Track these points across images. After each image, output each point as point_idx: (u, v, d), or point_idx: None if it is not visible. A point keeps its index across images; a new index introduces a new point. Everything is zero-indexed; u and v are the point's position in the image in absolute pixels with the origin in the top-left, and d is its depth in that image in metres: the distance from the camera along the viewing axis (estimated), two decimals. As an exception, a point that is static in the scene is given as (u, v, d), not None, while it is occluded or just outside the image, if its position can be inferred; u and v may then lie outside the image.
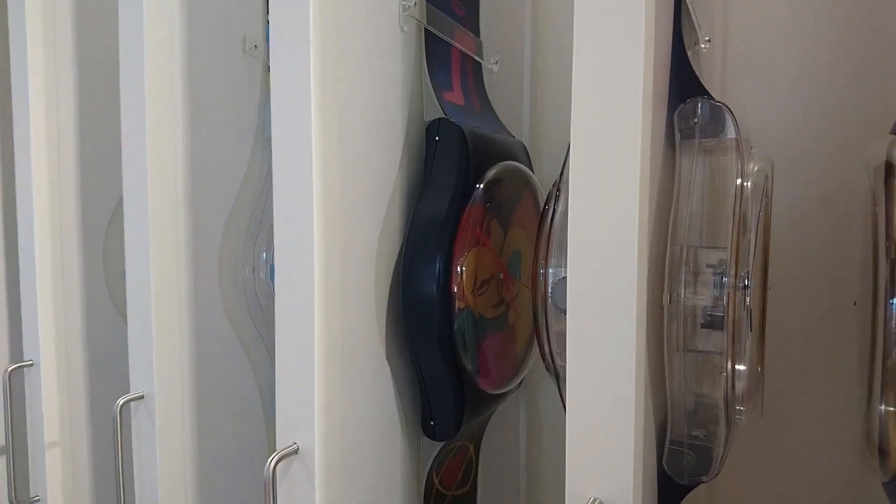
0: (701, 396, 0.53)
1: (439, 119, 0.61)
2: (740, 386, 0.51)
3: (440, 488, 0.68)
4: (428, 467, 0.66)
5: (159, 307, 0.65)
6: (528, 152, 0.78)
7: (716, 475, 0.52)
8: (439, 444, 0.66)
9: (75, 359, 0.83)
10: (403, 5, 0.58)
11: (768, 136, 0.71)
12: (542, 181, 0.77)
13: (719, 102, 0.48)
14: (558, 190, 0.58)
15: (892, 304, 0.40)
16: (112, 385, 0.86)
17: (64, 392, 0.82)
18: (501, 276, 0.67)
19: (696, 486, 0.54)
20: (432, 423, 0.62)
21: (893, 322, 0.40)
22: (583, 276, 0.42)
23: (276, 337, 0.51)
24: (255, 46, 0.75)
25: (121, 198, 0.85)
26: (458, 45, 0.68)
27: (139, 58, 0.63)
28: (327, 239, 0.50)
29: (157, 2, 0.63)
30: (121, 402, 0.66)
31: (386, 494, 0.60)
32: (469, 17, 0.72)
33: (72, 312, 0.82)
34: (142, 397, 0.67)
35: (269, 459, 0.49)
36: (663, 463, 0.53)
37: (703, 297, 0.48)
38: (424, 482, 0.66)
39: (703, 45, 0.64)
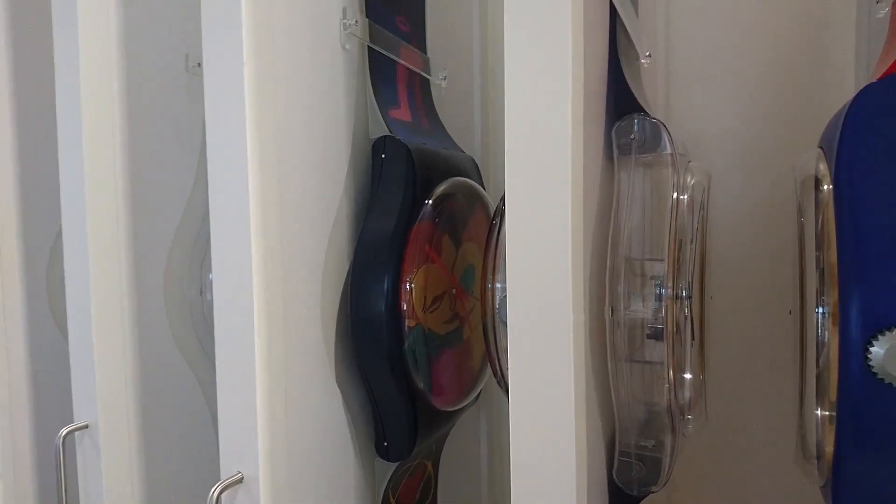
0: (648, 406, 0.54)
1: (385, 137, 0.61)
2: (684, 395, 0.52)
3: (397, 508, 0.68)
4: (384, 488, 0.66)
5: (101, 332, 0.63)
6: (478, 168, 0.78)
7: (664, 484, 0.53)
8: (395, 465, 0.66)
9: (19, 386, 0.79)
10: (344, 24, 0.57)
11: (709, 147, 0.73)
12: (495, 196, 0.77)
13: (655, 119, 0.49)
14: (504, 204, 0.59)
15: (818, 312, 0.41)
16: (58, 412, 0.83)
17: (6, 421, 0.79)
18: (454, 291, 0.67)
19: (645, 496, 0.54)
20: (385, 443, 0.62)
21: (820, 330, 0.41)
22: (521, 290, 0.42)
23: (216, 363, 0.50)
24: (199, 64, 0.74)
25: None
26: (403, 62, 0.68)
27: (75, 76, 0.61)
28: (267, 260, 0.49)
29: (93, 20, 0.62)
30: (64, 433, 0.64)
31: (339, 518, 0.59)
32: (415, 33, 0.72)
33: (14, 337, 0.79)
34: (86, 427, 0.64)
35: (213, 490, 0.47)
36: (613, 474, 0.54)
37: (645, 309, 0.49)
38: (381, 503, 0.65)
39: (643, 61, 0.66)
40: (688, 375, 0.54)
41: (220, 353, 0.49)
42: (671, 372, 0.48)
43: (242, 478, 0.49)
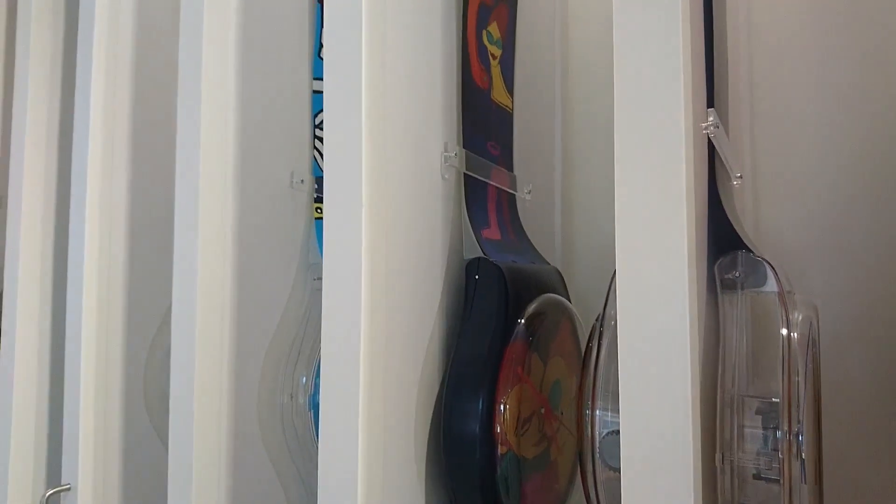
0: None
1: (478, 258, 0.63)
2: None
3: None
4: None
5: (200, 441, 0.65)
6: (563, 278, 0.79)
7: None
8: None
9: (112, 484, 0.82)
10: (445, 156, 0.61)
11: (804, 265, 0.71)
12: (576, 303, 0.78)
13: (759, 257, 0.49)
14: (602, 326, 0.59)
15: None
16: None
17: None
18: (542, 410, 0.66)
19: None
20: (474, 572, 0.60)
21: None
22: (636, 435, 0.41)
23: (319, 478, 0.51)
24: (302, 181, 0.79)
25: (166, 314, 0.88)
26: (494, 183, 0.71)
27: (194, 189, 0.67)
28: (371, 379, 0.51)
29: (214, 137, 0.68)
30: (156, 540, 0.65)
31: None
32: (504, 154, 0.75)
33: (111, 435, 0.82)
34: (176, 534, 0.65)
35: None
36: None
37: (756, 453, 0.47)
38: None
39: (735, 182, 0.66)
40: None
41: (322, 472, 0.50)
42: (790, 521, 0.45)
43: None
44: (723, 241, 0.51)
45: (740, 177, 0.65)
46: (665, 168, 0.42)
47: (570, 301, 0.76)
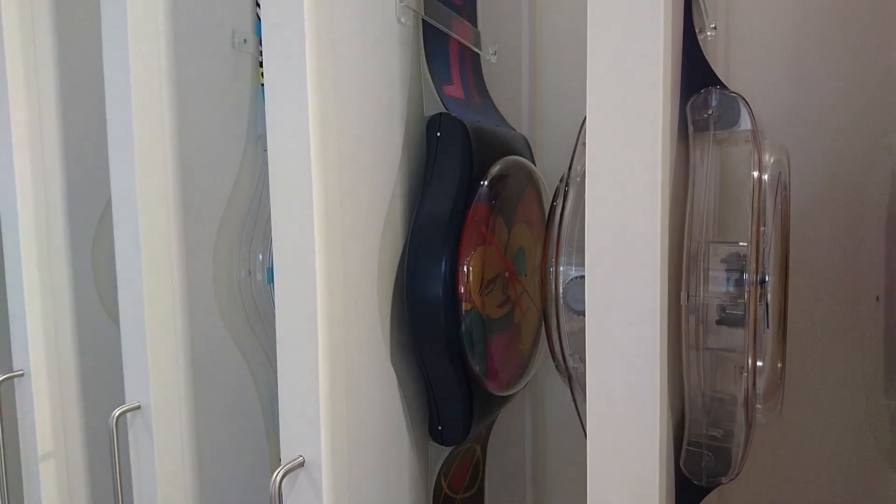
0: (719, 395, 0.52)
1: (440, 114, 0.59)
2: (760, 384, 0.50)
3: (449, 492, 0.67)
4: (436, 472, 0.65)
5: (153, 314, 0.63)
6: (529, 145, 0.76)
7: (735, 476, 0.51)
8: (447, 449, 0.65)
9: (68, 368, 0.80)
10: (401, -5, 0.55)
11: (775, 125, 0.69)
12: (543, 173, 0.75)
13: (733, 93, 0.46)
14: (566, 185, 0.56)
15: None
16: (107, 394, 0.83)
17: (56, 402, 0.79)
18: (507, 274, 0.65)
19: (714, 487, 0.52)
20: (440, 427, 0.61)
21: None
22: (602, 276, 0.40)
23: (277, 346, 0.49)
24: (245, 41, 0.72)
25: (109, 201, 0.82)
26: (456, 35, 0.65)
27: (124, 55, 0.60)
28: (328, 242, 0.48)
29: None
30: (116, 414, 0.64)
31: (395, 503, 0.59)
32: (467, 6, 0.69)
33: (62, 320, 0.79)
34: (138, 408, 0.64)
35: (275, 474, 0.47)
36: (680, 464, 0.52)
37: (721, 294, 0.47)
38: (433, 488, 0.64)
39: (709, 33, 0.62)
40: (759, 363, 0.52)
41: (281, 337, 0.48)
42: (751, 360, 0.45)
43: (304, 461, 0.48)
44: (696, 79, 0.48)
45: (714, 27, 0.61)
46: (642, 8, 0.37)
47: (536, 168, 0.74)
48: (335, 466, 0.49)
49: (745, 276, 0.45)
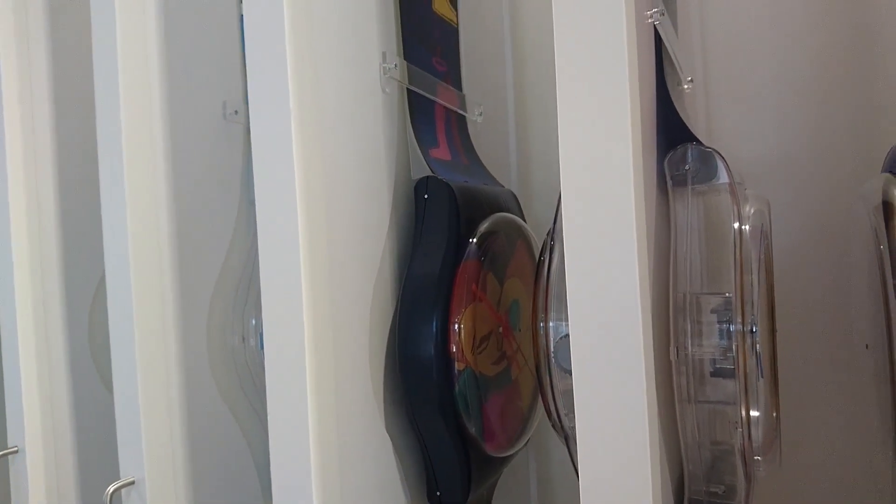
0: (716, 449, 0.51)
1: (427, 177, 0.60)
2: (756, 435, 0.49)
3: (451, 560, 0.65)
4: (436, 538, 0.63)
5: (147, 386, 0.62)
6: (518, 201, 0.77)
7: (740, 532, 0.49)
8: (447, 513, 0.63)
9: (64, 441, 0.79)
10: (384, 67, 0.57)
11: (758, 173, 0.71)
12: (534, 227, 0.76)
13: (709, 148, 0.47)
14: (552, 239, 0.57)
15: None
16: (103, 466, 0.82)
17: (52, 478, 0.78)
18: (501, 329, 0.65)
19: (720, 545, 0.51)
20: (438, 493, 0.59)
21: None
22: (586, 334, 0.40)
23: (268, 414, 0.49)
24: (236, 112, 0.74)
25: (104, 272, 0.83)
26: (441, 101, 0.67)
27: (117, 126, 0.62)
28: (317, 307, 0.48)
29: (136, 70, 0.63)
30: (111, 490, 0.63)
31: (394, 574, 0.57)
32: (451, 72, 0.72)
33: (58, 393, 0.79)
34: (132, 483, 0.63)
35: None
36: (684, 522, 0.51)
37: (711, 347, 0.47)
38: (434, 555, 0.62)
39: (686, 86, 0.64)
40: (755, 414, 0.51)
41: (272, 404, 0.48)
42: (744, 411, 0.45)
43: (297, 534, 0.47)
44: (673, 136, 0.49)
45: (691, 80, 0.63)
46: (606, 51, 0.39)
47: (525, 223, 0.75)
48: (329, 538, 0.48)
49: (733, 326, 0.45)
